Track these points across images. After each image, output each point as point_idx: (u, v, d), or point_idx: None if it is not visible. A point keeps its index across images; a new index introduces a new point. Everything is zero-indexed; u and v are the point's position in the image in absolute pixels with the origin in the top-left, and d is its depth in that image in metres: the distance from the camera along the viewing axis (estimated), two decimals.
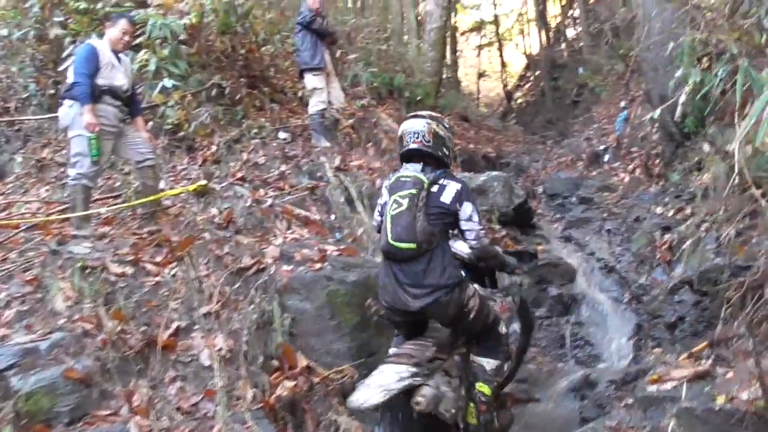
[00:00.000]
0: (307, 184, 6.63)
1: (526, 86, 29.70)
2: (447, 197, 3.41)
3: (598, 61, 18.27)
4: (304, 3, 8.00)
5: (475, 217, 3.45)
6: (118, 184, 6.59)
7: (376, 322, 4.69)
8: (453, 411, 3.28)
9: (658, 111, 3.54)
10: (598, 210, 8.62)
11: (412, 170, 3.46)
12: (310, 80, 7.68)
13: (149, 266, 4.73)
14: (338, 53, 10.27)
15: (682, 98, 6.59)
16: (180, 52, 7.51)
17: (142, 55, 7.27)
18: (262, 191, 6.32)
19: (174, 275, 4.71)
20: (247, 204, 5.89)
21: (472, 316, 3.44)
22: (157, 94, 7.11)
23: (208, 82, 7.81)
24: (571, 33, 28.07)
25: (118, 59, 5.30)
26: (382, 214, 3.51)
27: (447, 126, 3.67)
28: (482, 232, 3.52)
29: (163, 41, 7.35)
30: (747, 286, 3.73)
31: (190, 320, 4.36)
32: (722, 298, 4.08)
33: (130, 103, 5.46)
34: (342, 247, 5.45)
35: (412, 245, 3.26)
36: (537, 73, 27.52)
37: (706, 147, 6.39)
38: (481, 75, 32.58)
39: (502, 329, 3.74)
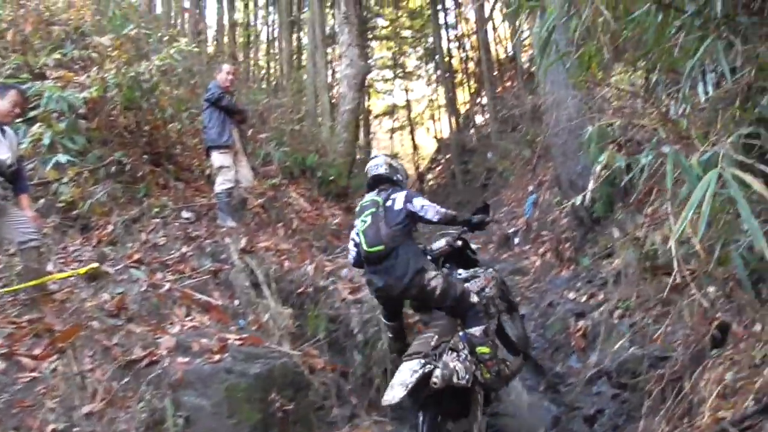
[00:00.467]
0: (210, 266, 6.25)
1: (438, 169, 30.24)
2: (399, 204, 4.66)
3: (506, 147, 18.74)
4: (214, 80, 7.83)
5: (426, 202, 4.66)
6: (1, 266, 6.03)
7: (280, 418, 4.34)
8: (467, 377, 4.23)
9: (580, 197, 3.48)
10: (511, 294, 8.52)
11: (369, 197, 4.88)
12: (217, 158, 7.40)
13: (25, 360, 4.23)
14: (250, 132, 10.08)
15: (591, 184, 6.68)
16: (78, 127, 7.12)
17: (36, 128, 6.84)
18: (159, 275, 5.89)
19: (54, 370, 4.22)
20: (143, 289, 5.45)
21: (437, 293, 4.49)
22: (50, 169, 6.66)
23: (108, 158, 7.40)
24: (479, 119, 29.00)
25: (2, 132, 4.91)
26: (357, 235, 4.76)
27: (398, 162, 5.22)
28: (436, 206, 4.65)
29: (60, 115, 6.96)
30: (666, 379, 3.61)
31: (69, 422, 3.87)
32: (642, 391, 3.96)
33: (14, 179, 5.04)
34: (245, 335, 5.09)
35: (381, 247, 4.49)
36: (447, 156, 28.07)
37: (615, 232, 6.44)
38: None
39: (473, 299, 4.67)
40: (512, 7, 3.33)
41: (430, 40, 30.83)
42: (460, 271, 5.22)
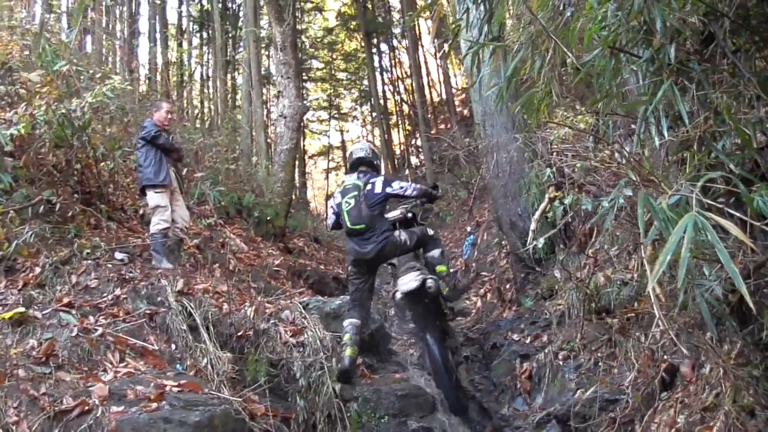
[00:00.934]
0: (145, 309, 6.00)
1: None
2: (378, 188, 5.95)
3: (442, 187, 18.90)
4: (149, 118, 7.65)
5: (404, 183, 6.10)
6: None
7: None
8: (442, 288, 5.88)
9: (542, 239, 3.47)
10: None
11: (351, 180, 6.10)
12: (153, 197, 7.18)
13: None
14: (184, 171, 9.88)
15: (533, 225, 6.77)
16: (4, 164, 6.82)
17: None
18: (91, 319, 5.60)
19: None
20: (73, 334, 5.17)
21: (408, 244, 6.04)
22: None
23: (35, 197, 7.09)
24: (415, 160, 29.33)
25: None
26: (338, 209, 6.07)
27: (378, 149, 6.84)
28: (412, 183, 6.14)
29: None
30: (618, 422, 3.60)
31: None
32: None
33: None
34: (183, 381, 4.87)
35: (363, 225, 5.80)
36: None
37: (557, 273, 6.49)
38: (329, 197, 33.04)
39: (430, 232, 6.28)
40: (474, 48, 3.34)
41: (365, 82, 31.22)
42: (413, 229, 6.48)
